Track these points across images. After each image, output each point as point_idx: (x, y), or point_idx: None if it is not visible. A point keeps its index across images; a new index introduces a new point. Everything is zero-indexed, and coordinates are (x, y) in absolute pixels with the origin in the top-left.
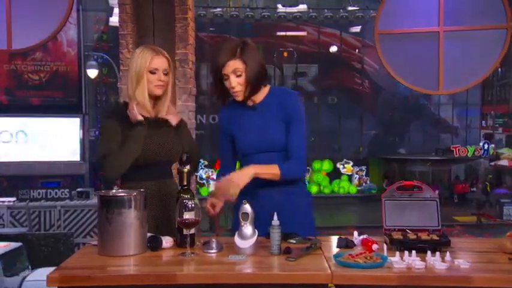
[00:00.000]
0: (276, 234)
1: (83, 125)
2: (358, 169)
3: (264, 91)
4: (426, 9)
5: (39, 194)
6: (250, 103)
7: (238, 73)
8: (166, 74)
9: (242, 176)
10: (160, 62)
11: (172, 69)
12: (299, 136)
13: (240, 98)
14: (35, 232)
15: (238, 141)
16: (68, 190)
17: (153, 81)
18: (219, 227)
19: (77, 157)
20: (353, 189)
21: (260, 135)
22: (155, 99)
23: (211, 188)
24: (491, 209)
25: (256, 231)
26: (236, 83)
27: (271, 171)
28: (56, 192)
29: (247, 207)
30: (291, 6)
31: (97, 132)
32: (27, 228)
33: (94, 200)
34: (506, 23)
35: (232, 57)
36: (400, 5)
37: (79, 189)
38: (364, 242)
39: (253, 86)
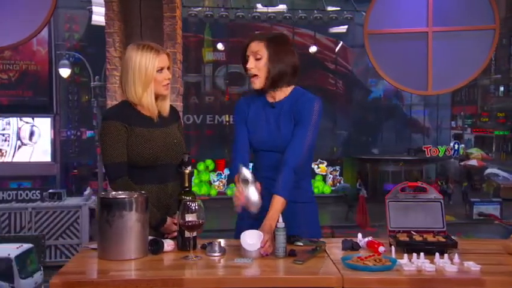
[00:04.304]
0: (281, 236)
1: (54, 125)
2: (332, 169)
3: (287, 90)
4: (415, 10)
5: (9, 195)
6: (270, 99)
7: (258, 56)
8: (168, 70)
9: (270, 227)
10: (164, 60)
11: (171, 64)
12: (299, 141)
13: (256, 85)
14: (5, 234)
15: (250, 135)
16: (39, 191)
17: (161, 81)
18: None
19: (48, 158)
20: (327, 189)
21: (271, 134)
22: (157, 97)
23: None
24: (462, 208)
25: (260, 196)
26: (253, 65)
27: (280, 206)
28: (26, 194)
29: (245, 173)
30: (266, 6)
31: (77, 132)
32: None
33: (66, 202)
34: (494, 23)
35: (256, 40)
36: (389, 6)
37: (51, 191)
38: (369, 244)
39: (273, 79)
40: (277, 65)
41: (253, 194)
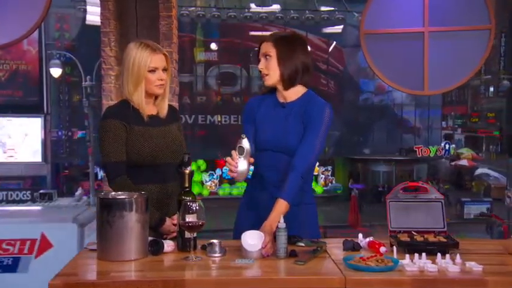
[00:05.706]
0: (282, 237)
1: (44, 125)
2: (324, 169)
3: (299, 92)
4: (411, 10)
5: None
6: (281, 99)
7: (268, 56)
8: (165, 71)
9: (271, 229)
10: (159, 60)
11: (169, 65)
12: (308, 147)
13: (267, 81)
14: None
15: (257, 133)
16: (29, 192)
17: (153, 81)
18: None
19: (38, 158)
20: (319, 190)
21: (275, 134)
22: (155, 97)
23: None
24: (452, 208)
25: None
26: (263, 66)
27: (283, 210)
28: (17, 194)
29: (244, 142)
30: (260, 6)
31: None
32: None
33: (57, 202)
34: (490, 23)
35: (265, 40)
36: (385, 6)
37: (42, 191)
38: (371, 245)
39: (286, 78)
40: (287, 63)
41: (242, 164)
